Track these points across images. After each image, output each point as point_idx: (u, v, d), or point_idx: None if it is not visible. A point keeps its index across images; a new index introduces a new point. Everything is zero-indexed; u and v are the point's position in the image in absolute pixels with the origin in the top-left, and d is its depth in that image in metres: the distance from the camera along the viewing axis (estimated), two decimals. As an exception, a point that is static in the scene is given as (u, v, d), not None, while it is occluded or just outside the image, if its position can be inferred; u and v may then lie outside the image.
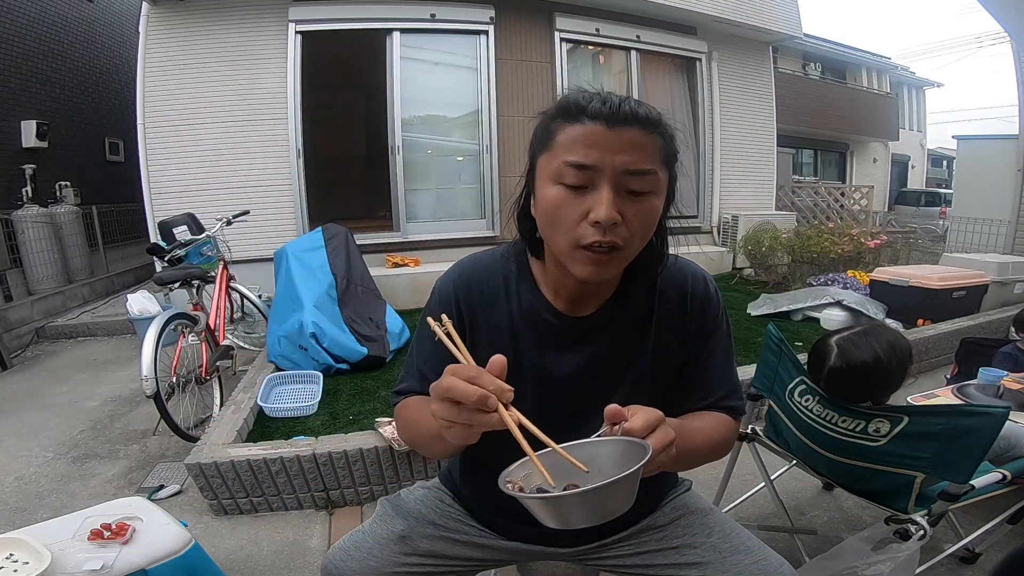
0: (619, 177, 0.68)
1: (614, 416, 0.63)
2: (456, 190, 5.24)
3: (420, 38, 4.82)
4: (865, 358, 1.24)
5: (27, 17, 5.90)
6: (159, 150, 4.32)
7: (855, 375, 1.24)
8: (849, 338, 1.29)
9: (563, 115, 0.71)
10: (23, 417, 2.84)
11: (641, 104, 0.71)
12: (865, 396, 1.25)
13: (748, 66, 6.48)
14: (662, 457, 0.62)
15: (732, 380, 0.88)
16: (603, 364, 0.84)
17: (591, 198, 0.68)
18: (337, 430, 2.21)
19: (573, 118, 0.69)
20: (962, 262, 4.10)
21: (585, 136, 0.68)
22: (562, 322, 0.83)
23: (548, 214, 0.72)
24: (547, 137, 0.72)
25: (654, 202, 0.72)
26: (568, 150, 0.69)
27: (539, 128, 0.75)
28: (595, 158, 0.67)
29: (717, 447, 0.84)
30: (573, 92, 0.72)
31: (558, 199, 0.70)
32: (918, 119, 17.77)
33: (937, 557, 1.40)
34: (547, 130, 0.73)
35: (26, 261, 4.73)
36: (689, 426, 0.78)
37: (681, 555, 0.89)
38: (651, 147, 0.70)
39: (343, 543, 0.91)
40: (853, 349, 1.26)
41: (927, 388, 2.07)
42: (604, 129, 0.67)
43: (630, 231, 0.70)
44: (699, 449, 0.79)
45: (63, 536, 1.18)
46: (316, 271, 3.27)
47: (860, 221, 7.79)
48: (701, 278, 0.87)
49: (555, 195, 0.70)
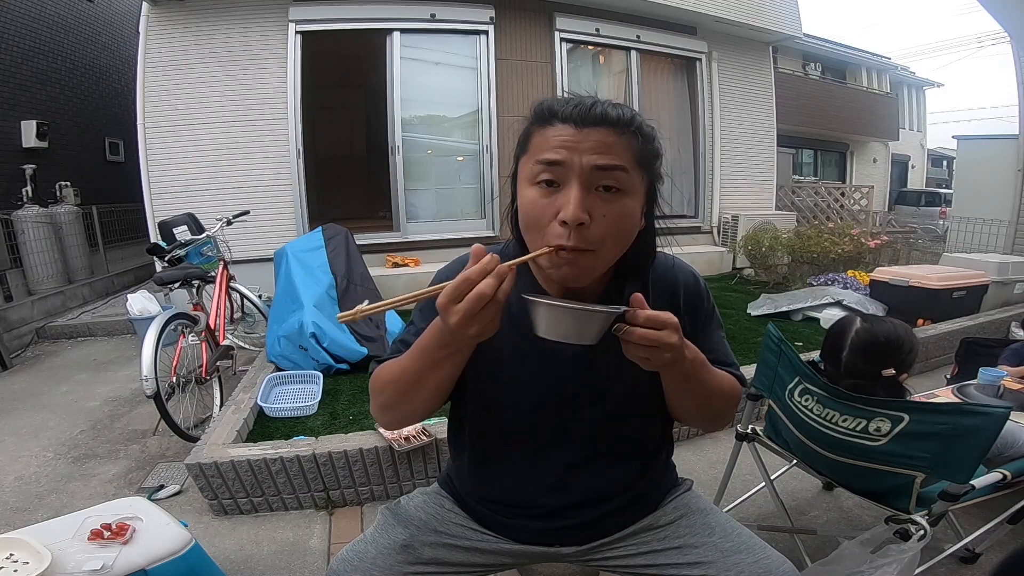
0: (588, 174, 0.69)
1: (638, 302, 0.69)
2: (456, 190, 5.25)
3: (420, 38, 4.82)
4: (888, 328, 1.31)
5: (27, 17, 5.90)
6: (159, 150, 4.33)
7: (881, 340, 1.29)
8: (867, 317, 1.37)
9: (538, 120, 0.74)
10: (23, 417, 2.84)
11: (618, 106, 0.72)
12: (888, 363, 1.28)
13: (748, 66, 6.48)
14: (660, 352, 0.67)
15: (730, 357, 0.92)
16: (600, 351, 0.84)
17: (561, 197, 0.70)
18: (337, 430, 2.21)
19: (546, 121, 0.73)
20: (962, 262, 4.10)
21: (556, 135, 0.71)
22: None
23: (525, 215, 0.74)
24: (525, 141, 0.76)
25: (626, 201, 0.72)
26: (540, 150, 0.72)
27: (520, 135, 0.78)
28: (564, 155, 0.69)
29: (726, 395, 0.85)
30: (549, 99, 0.75)
31: (533, 199, 0.72)
32: (918, 119, 17.78)
33: (937, 557, 1.40)
34: (526, 135, 0.76)
35: (26, 261, 4.73)
36: (707, 361, 0.80)
37: (683, 555, 0.89)
38: (621, 146, 0.71)
39: (346, 553, 0.91)
40: (876, 320, 1.34)
41: (927, 388, 2.07)
42: (574, 129, 0.70)
43: (602, 232, 0.71)
44: (709, 383, 0.81)
45: (63, 536, 1.18)
46: (316, 271, 3.27)
47: (860, 221, 7.79)
48: (691, 274, 0.91)
49: (531, 196, 0.73)
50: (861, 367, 1.30)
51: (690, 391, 0.80)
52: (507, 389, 0.85)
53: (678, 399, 0.83)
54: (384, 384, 0.83)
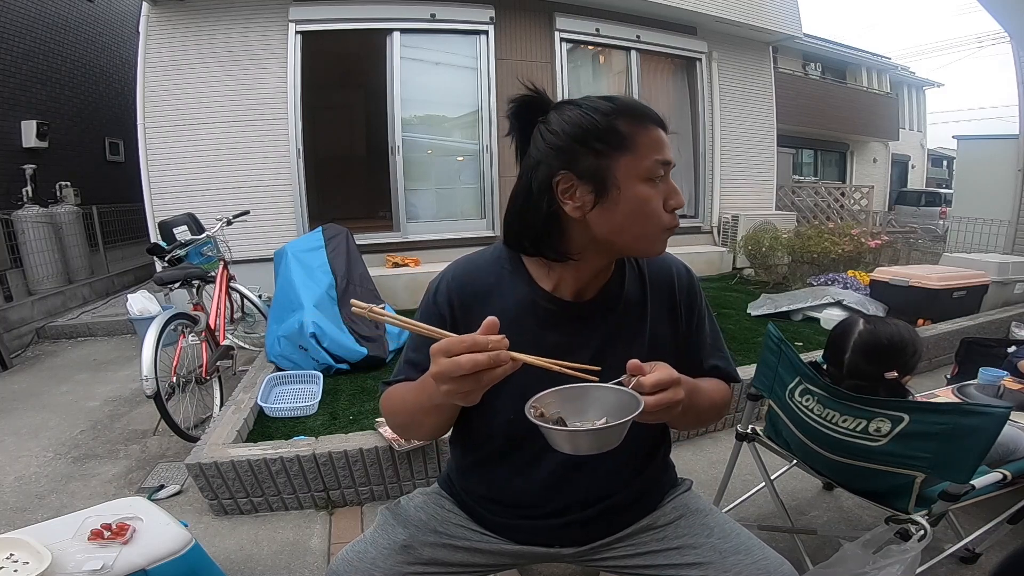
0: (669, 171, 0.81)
1: (635, 369, 0.72)
2: (456, 190, 5.24)
3: (420, 38, 4.82)
4: (891, 330, 1.31)
5: (27, 17, 5.90)
6: (159, 150, 4.32)
7: (884, 342, 1.29)
8: (870, 318, 1.37)
9: (634, 119, 0.78)
10: (23, 417, 2.84)
11: None
12: (891, 365, 1.28)
13: (748, 66, 6.48)
14: (662, 414, 0.71)
15: (722, 349, 0.98)
16: (605, 342, 0.87)
17: (663, 188, 0.79)
18: (337, 430, 2.21)
19: (640, 122, 0.78)
20: (962, 262, 4.09)
21: (659, 138, 0.79)
22: (562, 307, 0.86)
23: (641, 209, 0.78)
24: (621, 139, 0.77)
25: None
26: (655, 150, 0.78)
27: (603, 129, 0.76)
28: (672, 155, 0.80)
29: (718, 407, 0.92)
30: (624, 97, 0.81)
31: (651, 194, 0.78)
32: (918, 119, 17.78)
33: (937, 557, 1.39)
34: (617, 133, 0.77)
35: (26, 261, 4.73)
36: (698, 385, 0.85)
37: (682, 555, 0.90)
38: None
39: (346, 553, 0.91)
40: (879, 322, 1.34)
41: (927, 388, 2.07)
42: (662, 131, 0.80)
43: None
44: (702, 406, 0.87)
45: (63, 536, 1.18)
46: (316, 271, 3.26)
47: (860, 221, 7.78)
48: (684, 268, 0.96)
49: (648, 192, 0.78)
50: (864, 369, 1.29)
51: (685, 420, 0.85)
52: (509, 391, 0.85)
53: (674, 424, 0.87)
54: (393, 409, 0.89)
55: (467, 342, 0.64)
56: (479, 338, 0.64)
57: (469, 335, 0.64)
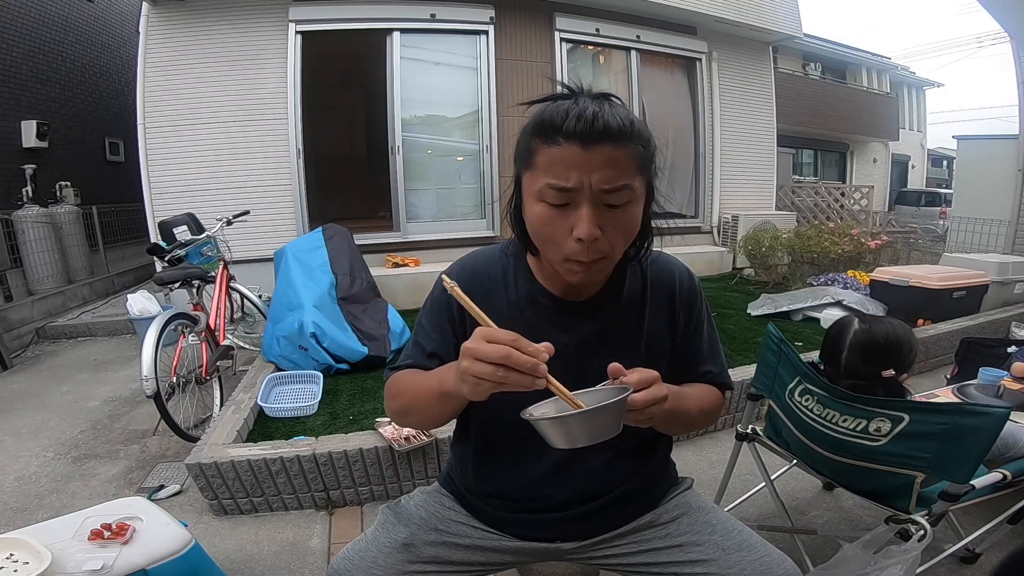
0: (597, 195, 0.71)
1: (615, 372, 0.72)
2: (456, 190, 5.24)
3: (420, 38, 4.82)
4: (887, 328, 1.31)
5: (27, 17, 5.90)
6: (159, 150, 4.32)
7: (879, 340, 1.29)
8: (865, 318, 1.37)
9: (540, 134, 0.72)
10: (23, 417, 2.84)
11: (614, 111, 0.71)
12: (887, 363, 1.28)
13: (748, 66, 6.48)
14: (654, 409, 0.71)
15: (718, 356, 0.97)
16: (600, 340, 0.87)
17: (573, 215, 0.72)
18: (337, 430, 2.20)
19: (550, 138, 0.71)
20: (962, 262, 4.09)
21: (563, 158, 0.70)
22: (559, 305, 0.87)
23: (536, 230, 0.77)
24: (528, 156, 0.75)
25: (633, 210, 0.76)
26: (548, 171, 0.71)
27: (520, 144, 0.77)
28: (574, 180, 0.70)
29: (707, 412, 0.93)
30: (549, 108, 0.73)
31: (543, 217, 0.74)
32: (918, 119, 17.78)
33: (937, 557, 1.39)
34: (527, 149, 0.75)
35: (26, 261, 4.73)
36: (683, 390, 0.87)
37: (685, 552, 0.90)
38: (625, 160, 0.71)
39: (347, 552, 0.91)
40: (875, 321, 1.34)
41: (927, 388, 2.07)
42: (579, 150, 0.69)
43: (612, 241, 0.75)
44: (691, 411, 0.88)
45: (63, 536, 1.18)
46: (316, 271, 3.26)
47: (860, 221, 7.79)
48: (687, 272, 0.96)
49: (540, 213, 0.74)
50: (860, 368, 1.30)
51: (673, 424, 0.86)
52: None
53: (662, 429, 0.89)
54: (399, 392, 0.88)
55: (511, 336, 0.64)
56: (524, 340, 0.64)
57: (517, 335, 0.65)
